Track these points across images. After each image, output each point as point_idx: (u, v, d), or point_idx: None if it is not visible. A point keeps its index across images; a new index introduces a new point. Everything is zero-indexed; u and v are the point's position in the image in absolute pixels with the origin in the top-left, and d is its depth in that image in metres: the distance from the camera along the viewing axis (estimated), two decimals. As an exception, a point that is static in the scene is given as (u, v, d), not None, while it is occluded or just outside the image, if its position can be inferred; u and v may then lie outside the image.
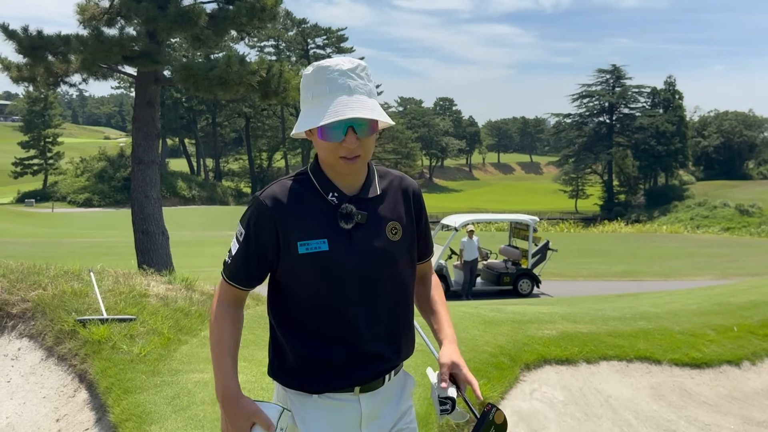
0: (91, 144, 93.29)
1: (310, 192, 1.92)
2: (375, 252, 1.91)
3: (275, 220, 1.87)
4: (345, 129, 1.81)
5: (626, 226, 49.99)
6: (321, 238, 1.86)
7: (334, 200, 1.90)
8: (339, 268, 1.87)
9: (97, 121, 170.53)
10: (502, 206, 71.43)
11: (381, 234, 1.94)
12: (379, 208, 1.96)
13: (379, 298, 1.93)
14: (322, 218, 1.89)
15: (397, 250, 1.96)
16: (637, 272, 19.88)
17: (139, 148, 12.05)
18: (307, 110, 1.87)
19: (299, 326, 1.91)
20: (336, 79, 1.84)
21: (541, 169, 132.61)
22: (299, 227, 1.87)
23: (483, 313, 7.36)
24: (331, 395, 1.92)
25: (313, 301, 1.89)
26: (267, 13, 11.99)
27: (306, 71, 1.92)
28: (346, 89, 1.84)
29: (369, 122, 1.84)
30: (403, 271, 2.00)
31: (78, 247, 22.35)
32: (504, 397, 5.39)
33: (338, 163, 1.86)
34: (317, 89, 1.86)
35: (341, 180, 1.93)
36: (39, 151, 68.61)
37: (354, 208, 1.89)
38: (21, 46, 11.61)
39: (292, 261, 1.87)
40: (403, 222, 2.00)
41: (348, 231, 1.88)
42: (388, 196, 2.00)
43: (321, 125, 1.79)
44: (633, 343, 6.61)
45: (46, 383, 4.81)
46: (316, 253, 1.85)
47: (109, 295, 5.47)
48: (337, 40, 71.43)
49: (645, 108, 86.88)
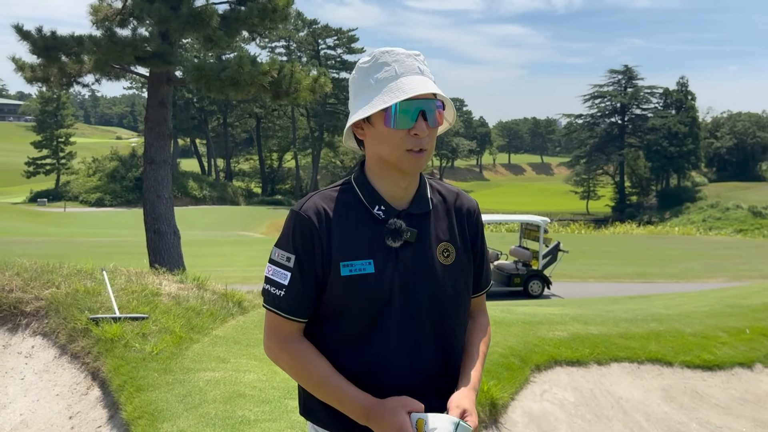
0: (103, 144, 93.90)
1: (353, 204, 1.71)
2: (425, 276, 1.69)
3: (321, 236, 1.65)
4: (416, 114, 1.63)
5: (638, 227, 49.71)
6: (366, 258, 1.65)
7: (381, 214, 1.69)
8: (385, 293, 1.65)
9: (109, 121, 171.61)
10: (512, 207, 71.28)
11: (431, 256, 1.71)
12: (431, 226, 1.74)
13: (423, 334, 1.69)
14: (366, 235, 1.67)
15: (448, 276, 1.73)
16: (649, 274, 19.77)
17: (152, 148, 12.13)
18: (369, 97, 1.66)
19: (337, 359, 1.68)
20: (404, 61, 1.68)
21: (552, 170, 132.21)
22: (342, 245, 1.66)
23: (493, 314, 7.35)
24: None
25: (351, 328, 1.67)
26: (278, 14, 12.04)
27: (363, 60, 1.73)
28: (417, 71, 1.68)
29: (438, 111, 1.67)
30: (455, 300, 1.75)
31: (90, 246, 22.51)
32: (514, 398, 5.39)
33: (403, 158, 1.65)
34: (383, 72, 1.66)
35: (390, 191, 1.71)
36: (51, 151, 69.09)
37: (403, 223, 1.68)
38: (35, 47, 11.71)
39: (333, 284, 1.65)
40: (457, 244, 1.77)
41: (395, 250, 1.67)
42: (441, 212, 1.78)
43: (398, 101, 1.60)
44: (644, 344, 6.59)
45: (59, 381, 4.86)
46: (361, 275, 1.64)
47: (121, 294, 5.52)
48: (347, 40, 71.50)
49: (657, 109, 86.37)
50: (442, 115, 1.70)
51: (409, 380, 1.68)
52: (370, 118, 1.66)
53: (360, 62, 1.74)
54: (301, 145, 72.34)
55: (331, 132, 68.79)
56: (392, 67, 1.66)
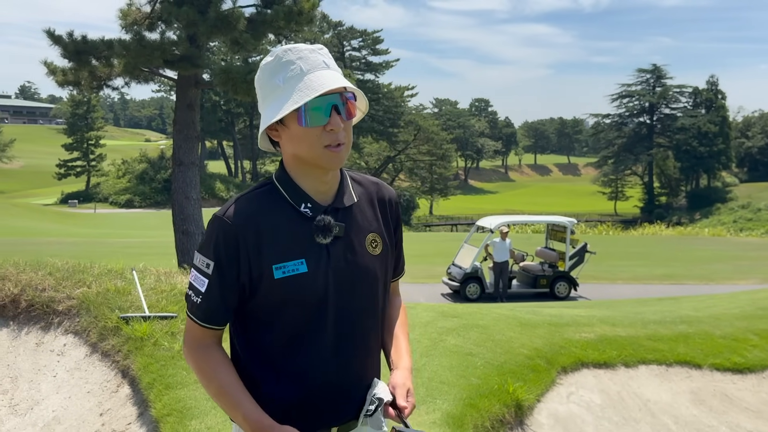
0: (132, 146, 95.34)
1: (279, 205, 1.68)
2: (356, 269, 1.70)
3: (247, 242, 1.61)
4: (329, 110, 1.61)
5: (667, 228, 49.06)
6: (298, 258, 1.64)
7: (308, 211, 1.67)
8: (319, 291, 1.65)
9: (138, 123, 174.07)
10: (538, 208, 70.75)
11: (361, 248, 1.72)
12: (358, 219, 1.74)
13: (361, 324, 1.72)
14: (296, 234, 1.65)
15: (378, 266, 1.76)
16: (678, 275, 19.49)
17: (180, 150, 12.30)
18: (279, 98, 1.63)
19: (273, 361, 1.67)
20: (308, 57, 1.64)
21: (579, 171, 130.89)
22: (272, 248, 1.63)
23: (519, 316, 7.32)
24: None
25: (288, 330, 1.66)
26: (304, 17, 12.12)
27: (267, 60, 1.69)
28: (323, 65, 1.65)
29: (350, 103, 1.66)
30: (383, 288, 1.79)
31: (120, 246, 22.87)
32: (540, 400, 5.36)
33: (322, 155, 1.63)
34: (289, 72, 1.63)
35: (314, 187, 1.70)
36: (82, 153, 70.34)
37: (332, 219, 1.67)
38: (66, 51, 11.95)
39: (267, 288, 1.63)
40: (383, 234, 1.79)
41: (326, 246, 1.66)
42: (365, 204, 1.78)
43: (309, 100, 1.58)
44: (673, 347, 6.51)
45: (90, 378, 4.95)
46: (295, 276, 1.63)
47: (151, 293, 5.60)
48: (372, 42, 71.62)
49: (686, 108, 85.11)
50: (355, 106, 1.69)
51: (343, 376, 1.70)
52: (284, 119, 1.63)
53: (263, 63, 1.70)
54: (326, 147, 72.47)
55: (356, 133, 68.90)
56: (297, 65, 1.63)
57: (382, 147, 69.63)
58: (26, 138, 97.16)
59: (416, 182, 74.18)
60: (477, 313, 7.23)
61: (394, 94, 70.11)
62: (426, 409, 4.46)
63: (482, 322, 6.66)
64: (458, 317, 6.83)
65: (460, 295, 15.49)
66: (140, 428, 4.28)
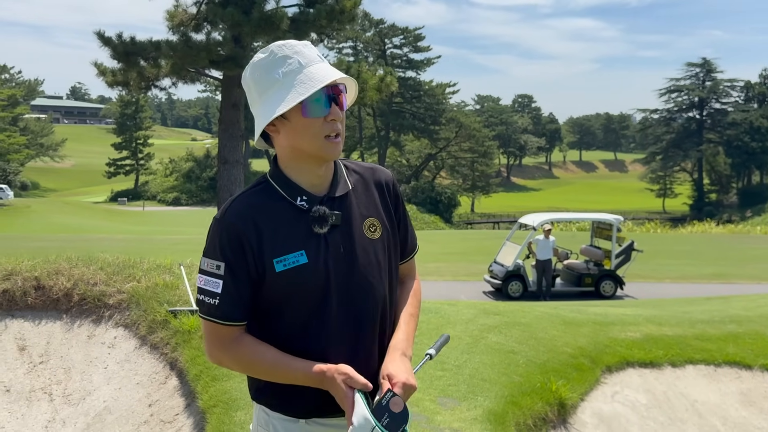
0: (178, 145, 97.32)
1: (275, 201, 1.73)
2: (356, 255, 1.74)
3: (249, 240, 1.67)
4: (328, 101, 1.67)
5: (717, 226, 47.72)
6: (298, 250, 1.69)
7: (304, 204, 1.73)
8: (321, 279, 1.69)
9: (185, 123, 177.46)
10: (583, 205, 69.61)
11: (359, 233, 1.77)
12: (353, 206, 1.79)
13: (364, 307, 1.75)
14: (294, 227, 1.71)
15: (379, 249, 1.79)
16: (728, 275, 18.95)
17: (225, 148, 12.53)
18: (279, 92, 1.68)
19: (283, 346, 1.71)
20: (303, 51, 1.70)
21: (626, 167, 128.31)
22: (272, 243, 1.68)
23: (563, 314, 7.25)
24: (319, 421, 1.74)
25: (295, 318, 1.71)
26: (346, 15, 12.21)
27: (260, 55, 1.74)
28: (318, 59, 1.71)
29: (342, 93, 1.72)
30: (389, 272, 1.83)
31: (167, 243, 23.39)
32: (584, 399, 5.31)
33: (324, 146, 1.69)
34: (286, 66, 1.68)
35: (308, 180, 1.75)
36: (131, 152, 72.16)
37: (327, 209, 1.72)
38: (115, 52, 12.28)
39: (271, 282, 1.69)
40: (382, 217, 1.83)
41: (323, 236, 1.71)
42: (360, 190, 1.83)
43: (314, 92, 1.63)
44: (722, 347, 6.36)
45: (139, 370, 5.11)
46: (296, 267, 1.68)
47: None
48: (414, 39, 71.47)
49: (738, 103, 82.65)
50: (345, 98, 1.74)
51: (353, 360, 1.71)
52: (285, 113, 1.67)
53: (256, 60, 1.74)
54: (367, 145, 72.81)
55: (397, 131, 68.96)
56: (294, 59, 1.68)
57: (423, 144, 69.49)
58: (77, 138, 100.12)
59: (458, 180, 73.81)
60: (519, 311, 7.18)
61: (436, 92, 69.83)
62: (467, 406, 4.46)
63: (524, 320, 6.62)
64: (500, 315, 6.80)
65: (502, 293, 15.37)
66: (188, 419, 4.40)
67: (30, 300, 5.57)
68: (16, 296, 5.56)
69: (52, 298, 5.59)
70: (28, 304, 5.56)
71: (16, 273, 5.67)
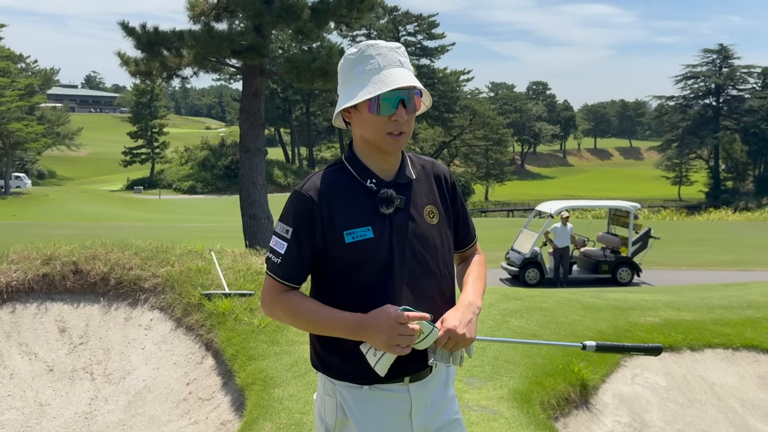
0: (193, 134, 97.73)
1: (348, 180, 1.93)
2: (416, 236, 1.93)
3: (321, 212, 1.87)
4: (396, 102, 1.86)
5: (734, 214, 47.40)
6: (365, 225, 1.88)
7: (373, 186, 1.92)
8: (384, 254, 1.87)
9: (199, 112, 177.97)
10: (598, 193, 69.28)
11: (419, 218, 1.95)
12: (416, 192, 1.98)
13: (424, 284, 1.92)
14: (363, 205, 1.90)
15: (436, 234, 1.98)
16: (746, 262, 18.95)
17: (246, 137, 12.70)
18: (356, 86, 1.89)
19: None
20: (387, 54, 1.90)
21: (642, 155, 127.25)
22: (343, 217, 1.88)
23: (582, 299, 7.37)
24: (382, 386, 1.90)
25: (360, 290, 1.88)
26: (365, 4, 12.30)
27: (350, 52, 1.96)
28: (398, 63, 1.90)
29: (416, 98, 1.91)
30: (444, 255, 2.00)
31: (187, 231, 23.67)
32: (605, 381, 5.45)
33: (385, 140, 1.88)
34: (368, 65, 1.89)
35: (378, 166, 1.95)
36: (146, 141, 72.50)
37: (393, 192, 1.92)
38: (139, 42, 12.45)
39: (339, 252, 1.87)
40: (439, 206, 2.02)
41: (388, 216, 1.90)
42: (422, 180, 2.02)
43: (381, 93, 1.83)
44: (740, 331, 6.47)
45: (176, 351, 5.31)
46: (363, 240, 1.86)
47: (229, 272, 5.93)
48: (428, 26, 71.27)
49: (755, 89, 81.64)
50: (420, 101, 1.94)
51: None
52: (357, 104, 1.89)
53: (348, 53, 1.98)
54: (382, 133, 72.76)
55: (412, 119, 68.69)
56: (376, 60, 1.89)
57: (438, 132, 69.36)
58: (92, 126, 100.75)
59: (472, 167, 73.66)
60: (539, 296, 7.32)
61: (450, 79, 69.67)
62: (493, 385, 4.62)
63: (545, 305, 6.75)
64: (521, 300, 6.94)
65: (519, 281, 15.49)
66: (225, 396, 4.60)
67: (69, 284, 5.77)
68: (55, 280, 5.76)
69: (89, 281, 5.80)
70: (66, 287, 5.77)
71: (55, 258, 5.88)
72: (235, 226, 14.18)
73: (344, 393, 1.93)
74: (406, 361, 1.87)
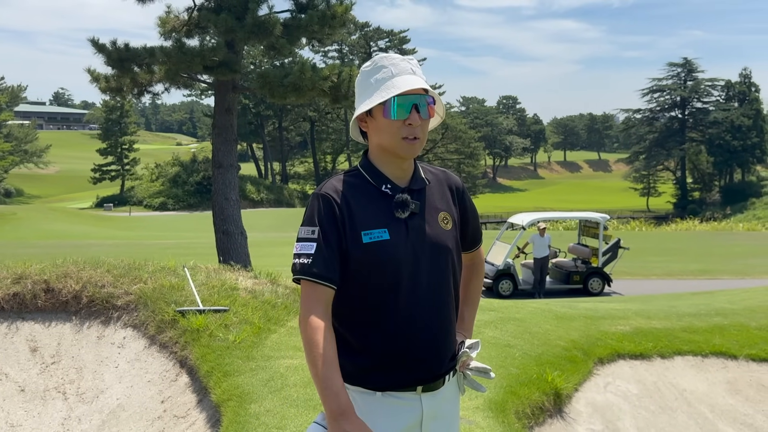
0: (164, 150, 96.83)
1: (364, 185, 1.98)
2: (431, 240, 1.97)
3: (342, 212, 1.91)
4: (410, 107, 1.91)
5: (701, 224, 48.42)
6: (382, 227, 1.91)
7: (389, 191, 1.97)
8: (400, 256, 1.91)
9: (169, 128, 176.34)
10: (569, 205, 70.17)
11: (434, 223, 2.00)
12: (430, 198, 2.03)
13: (438, 289, 1.97)
14: (379, 208, 1.94)
15: (449, 239, 2.02)
16: (713, 270, 19.34)
17: (219, 152, 12.64)
18: (371, 94, 1.96)
19: (361, 320, 1.93)
20: (399, 63, 1.98)
21: (610, 167, 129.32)
22: (361, 218, 1.92)
23: (555, 309, 7.47)
24: (395, 394, 1.93)
25: (375, 293, 1.91)
26: (337, 20, 12.38)
27: (365, 66, 2.05)
28: (410, 71, 1.97)
29: (430, 106, 1.97)
30: (456, 260, 2.05)
31: (158, 248, 23.41)
32: (578, 389, 5.52)
33: (400, 144, 1.93)
34: (381, 74, 1.97)
35: (392, 172, 2.00)
36: (116, 158, 71.70)
37: (408, 197, 1.96)
38: (109, 59, 12.35)
39: (357, 252, 1.90)
40: (452, 213, 2.08)
41: (404, 220, 1.94)
42: (435, 188, 2.08)
43: (393, 95, 1.89)
44: (708, 338, 6.61)
45: (150, 368, 5.25)
46: (380, 242, 1.90)
47: (203, 289, 5.90)
48: (399, 41, 71.89)
49: (719, 102, 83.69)
50: (433, 109, 2.01)
51: (434, 329, 1.96)
52: (372, 111, 1.96)
53: (363, 67, 2.06)
54: (354, 147, 73.00)
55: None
56: (388, 69, 1.97)
57: (411, 146, 69.55)
58: (61, 143, 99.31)
59: (445, 181, 73.95)
60: (513, 307, 7.40)
61: (422, 94, 70.06)
62: (469, 396, 4.66)
63: (518, 316, 6.84)
64: (495, 311, 7.02)
65: (492, 292, 15.61)
66: (200, 413, 4.56)
67: (40, 302, 5.68)
68: (26, 299, 5.67)
69: (61, 300, 5.71)
70: (38, 306, 5.68)
71: (25, 276, 5.79)
72: (208, 243, 14.09)
73: (357, 398, 1.93)
74: (421, 368, 1.93)
